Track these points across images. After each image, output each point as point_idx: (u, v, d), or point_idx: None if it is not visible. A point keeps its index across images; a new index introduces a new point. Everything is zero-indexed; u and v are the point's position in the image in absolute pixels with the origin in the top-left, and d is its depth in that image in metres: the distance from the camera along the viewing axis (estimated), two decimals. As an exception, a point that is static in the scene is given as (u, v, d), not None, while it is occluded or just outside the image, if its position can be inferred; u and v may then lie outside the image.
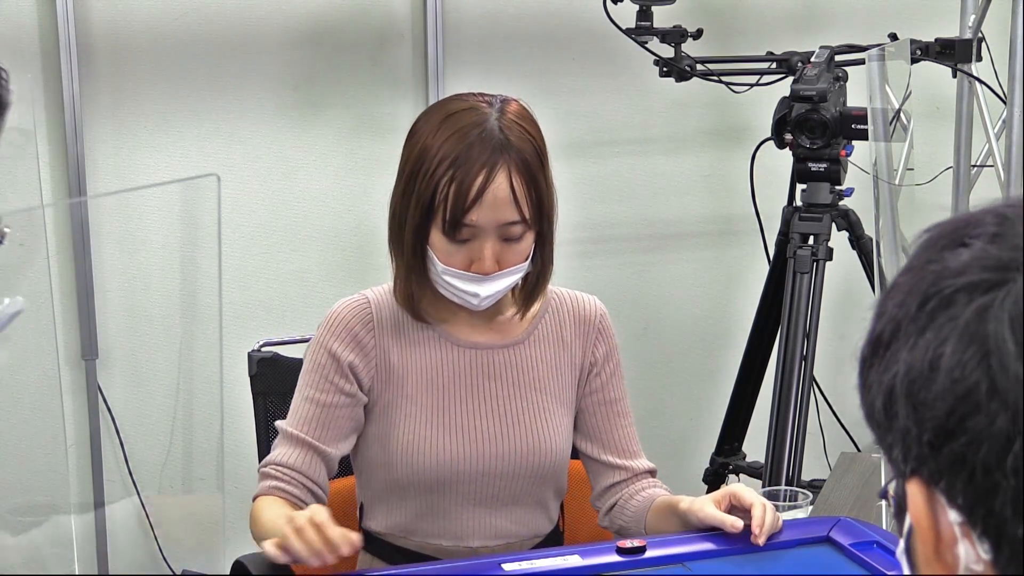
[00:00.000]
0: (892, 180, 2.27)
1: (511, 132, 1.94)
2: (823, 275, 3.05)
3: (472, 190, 1.90)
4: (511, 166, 1.92)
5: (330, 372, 2.02)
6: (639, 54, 3.16)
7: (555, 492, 2.11)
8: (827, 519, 1.93)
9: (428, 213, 1.94)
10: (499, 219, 1.92)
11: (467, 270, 1.95)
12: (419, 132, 1.99)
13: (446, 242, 1.94)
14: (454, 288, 1.97)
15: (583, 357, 2.11)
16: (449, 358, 2.05)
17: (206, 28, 3.34)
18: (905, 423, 0.81)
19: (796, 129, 3.04)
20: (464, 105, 1.98)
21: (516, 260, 1.97)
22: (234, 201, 3.38)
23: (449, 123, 1.95)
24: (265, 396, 2.29)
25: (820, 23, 3.70)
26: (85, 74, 3.25)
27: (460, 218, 1.91)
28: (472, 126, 1.93)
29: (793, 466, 2.96)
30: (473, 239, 1.93)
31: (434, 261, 1.96)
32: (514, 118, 1.96)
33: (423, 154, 1.95)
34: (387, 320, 2.05)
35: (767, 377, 3.22)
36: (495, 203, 1.91)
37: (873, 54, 2.16)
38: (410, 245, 1.98)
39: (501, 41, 3.56)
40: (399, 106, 3.51)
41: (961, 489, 0.78)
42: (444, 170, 1.91)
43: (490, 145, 1.92)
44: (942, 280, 0.81)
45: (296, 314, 3.48)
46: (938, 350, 0.79)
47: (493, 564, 1.83)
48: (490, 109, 1.96)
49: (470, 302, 1.97)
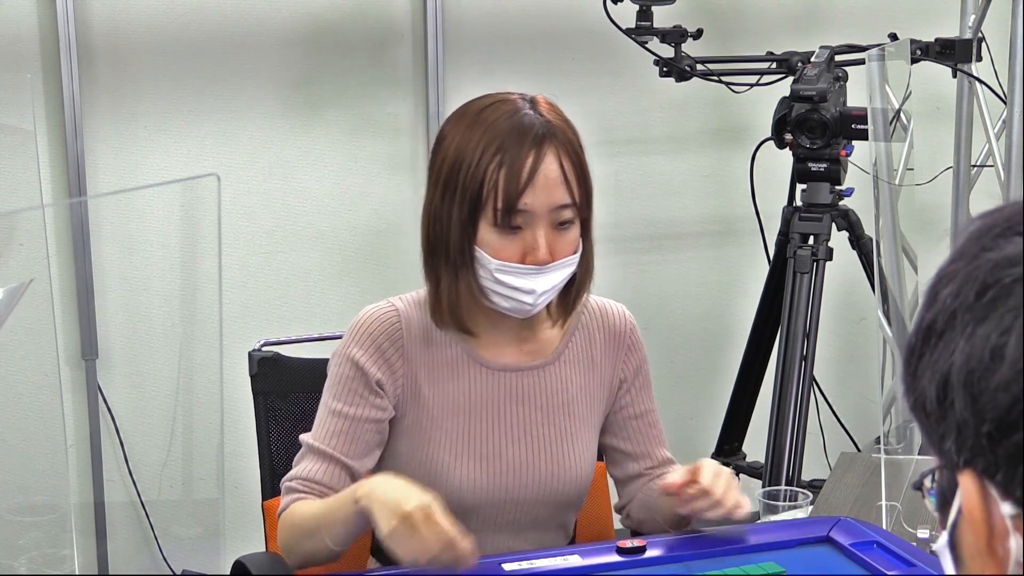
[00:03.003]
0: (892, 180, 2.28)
1: (550, 116, 1.91)
2: (823, 275, 3.05)
3: (524, 171, 1.85)
4: (558, 147, 1.88)
5: (357, 385, 1.96)
6: (639, 54, 3.16)
7: (575, 511, 2.10)
8: (827, 519, 1.93)
9: (476, 207, 1.88)
10: (552, 202, 1.87)
11: (521, 263, 1.88)
12: (451, 132, 1.93)
13: (497, 235, 1.88)
14: (506, 288, 1.89)
15: (612, 375, 2.07)
16: (478, 382, 1.98)
17: (206, 28, 3.34)
18: (962, 414, 0.79)
19: (796, 129, 3.04)
20: (493, 100, 1.94)
21: (568, 250, 1.91)
22: (234, 201, 3.38)
23: (483, 116, 1.90)
24: (266, 396, 2.29)
25: (820, 23, 3.70)
26: (85, 74, 3.25)
27: (514, 202, 1.85)
28: (510, 114, 1.90)
29: (793, 466, 2.96)
30: (525, 227, 1.87)
31: (485, 261, 1.89)
32: (548, 106, 1.94)
33: (461, 149, 1.89)
34: (416, 335, 1.98)
35: (767, 377, 3.22)
36: (547, 184, 1.86)
37: (873, 54, 2.16)
38: (457, 247, 1.91)
39: (501, 41, 3.56)
40: (399, 106, 3.52)
41: (1020, 482, 0.77)
42: (491, 157, 1.86)
43: (534, 129, 1.88)
44: (1001, 269, 0.79)
45: (296, 314, 3.48)
46: (1000, 340, 0.77)
47: (493, 564, 1.83)
48: (521, 101, 1.93)
49: (524, 302, 1.90)
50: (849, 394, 3.75)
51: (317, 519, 1.87)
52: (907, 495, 2.04)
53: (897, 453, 2.19)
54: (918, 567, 1.74)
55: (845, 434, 3.55)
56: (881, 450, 2.05)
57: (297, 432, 2.30)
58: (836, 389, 3.61)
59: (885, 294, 2.18)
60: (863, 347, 3.85)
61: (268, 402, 2.28)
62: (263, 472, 2.26)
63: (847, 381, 3.80)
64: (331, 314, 3.52)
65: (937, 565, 1.71)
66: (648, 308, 3.71)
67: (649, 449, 2.09)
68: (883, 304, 2.20)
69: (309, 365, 2.31)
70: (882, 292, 2.18)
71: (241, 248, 3.41)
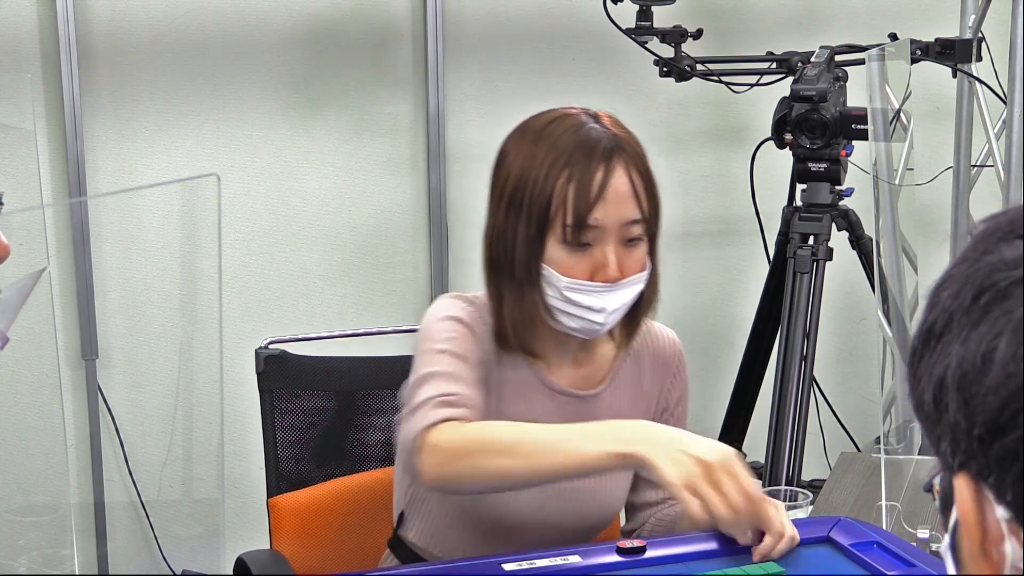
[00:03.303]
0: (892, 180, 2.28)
1: (616, 130, 1.88)
2: (823, 275, 3.05)
3: (594, 186, 1.82)
4: (627, 161, 1.85)
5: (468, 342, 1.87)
6: (639, 54, 3.16)
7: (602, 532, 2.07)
8: (827, 519, 1.93)
9: (544, 223, 1.83)
10: (622, 217, 1.83)
11: (590, 281, 1.84)
12: (514, 149, 1.89)
13: (566, 252, 1.83)
14: (576, 308, 1.85)
15: (657, 402, 2.05)
16: (538, 404, 1.94)
17: (206, 28, 3.34)
18: (955, 417, 0.79)
19: (796, 129, 3.04)
20: (555, 115, 1.90)
21: (636, 267, 1.86)
22: (234, 201, 3.38)
23: (548, 132, 1.86)
24: (271, 393, 2.30)
25: (820, 23, 3.70)
26: (85, 74, 3.25)
27: (584, 217, 1.81)
28: (575, 128, 1.86)
29: (793, 466, 2.96)
30: (595, 244, 1.83)
31: (553, 278, 1.84)
32: (611, 120, 1.90)
33: (527, 166, 1.85)
34: (488, 341, 1.93)
35: (767, 377, 3.22)
36: (617, 198, 1.83)
37: (873, 54, 2.16)
38: (523, 265, 1.85)
39: (501, 41, 3.56)
40: (399, 106, 3.52)
41: (1011, 485, 0.77)
42: (559, 171, 1.82)
43: (602, 144, 1.85)
44: (997, 272, 0.79)
45: (296, 314, 3.48)
46: (992, 343, 0.77)
47: (493, 564, 1.83)
48: (584, 115, 1.89)
49: (594, 322, 1.86)
50: (849, 394, 3.75)
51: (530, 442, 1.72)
52: (907, 495, 2.03)
53: (897, 453, 2.19)
54: (918, 567, 1.74)
55: (845, 434, 3.55)
56: (881, 450, 2.05)
57: (303, 430, 2.31)
58: (836, 389, 3.61)
59: (885, 294, 2.18)
60: (863, 347, 3.85)
61: (274, 399, 2.29)
62: (268, 469, 2.27)
63: (847, 381, 3.80)
64: (331, 314, 3.52)
65: (937, 565, 1.71)
66: (648, 308, 3.70)
67: None
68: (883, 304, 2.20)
69: (315, 363, 2.32)
70: (882, 292, 2.18)
71: (241, 248, 3.41)
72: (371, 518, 2.24)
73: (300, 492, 2.26)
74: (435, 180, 3.54)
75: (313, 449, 2.31)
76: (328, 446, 2.33)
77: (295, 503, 2.24)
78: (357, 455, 2.34)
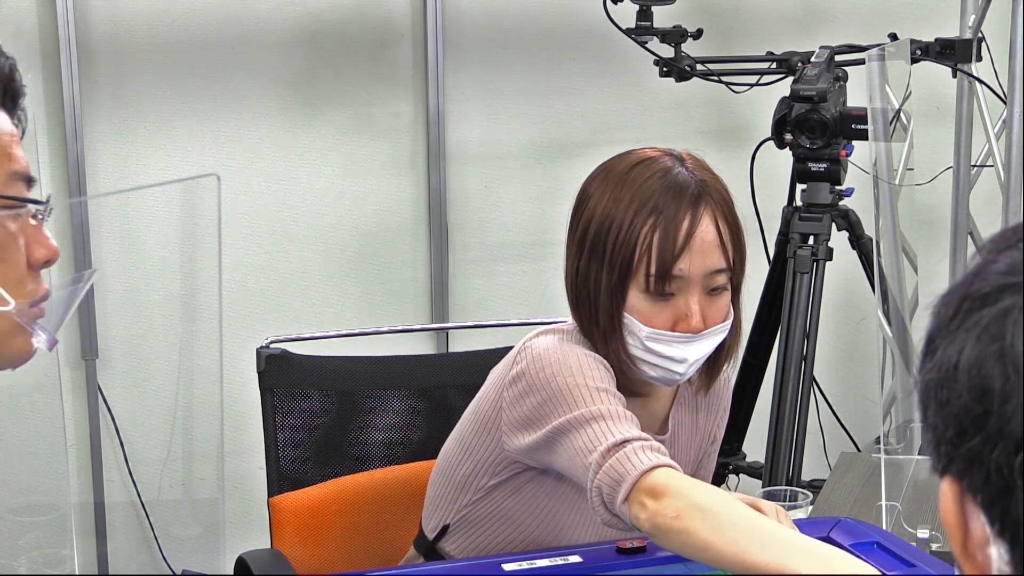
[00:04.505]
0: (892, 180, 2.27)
1: (703, 175, 1.84)
2: (823, 275, 3.05)
3: (680, 235, 1.77)
4: (714, 209, 1.81)
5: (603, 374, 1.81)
6: (639, 54, 3.16)
7: None
8: (827, 519, 1.93)
9: (627, 271, 1.79)
10: (707, 267, 1.79)
11: (672, 331, 1.80)
12: (597, 191, 1.83)
13: (648, 302, 1.80)
14: (657, 357, 1.81)
15: (709, 435, 2.03)
16: None
17: (206, 28, 3.34)
18: (934, 420, 0.81)
19: (796, 129, 3.04)
20: (640, 158, 1.84)
21: (719, 317, 1.83)
22: (234, 201, 3.38)
23: (634, 175, 1.81)
24: (272, 392, 2.29)
25: (820, 23, 3.70)
26: (85, 74, 3.25)
27: (669, 268, 1.78)
28: (661, 172, 1.81)
29: (793, 466, 2.96)
30: (678, 294, 1.79)
31: (635, 327, 1.81)
32: (698, 163, 1.86)
33: (610, 211, 1.80)
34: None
35: (767, 377, 3.22)
36: (703, 248, 1.79)
37: (873, 54, 2.16)
38: (606, 313, 1.81)
39: (501, 41, 3.56)
40: (399, 106, 3.52)
41: (980, 488, 0.78)
42: (644, 218, 1.78)
43: (689, 190, 1.80)
44: (980, 280, 0.81)
45: (296, 314, 3.48)
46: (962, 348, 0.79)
47: (494, 564, 1.83)
48: (669, 158, 1.84)
49: (674, 372, 1.82)
50: (849, 394, 3.75)
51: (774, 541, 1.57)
52: (907, 495, 2.03)
53: (897, 453, 2.19)
54: (918, 567, 1.74)
55: (845, 434, 3.55)
56: (881, 450, 2.04)
57: (304, 429, 2.30)
58: (836, 389, 3.61)
59: (885, 294, 2.18)
60: (863, 347, 3.85)
61: (275, 398, 2.29)
62: (269, 468, 2.27)
63: (847, 381, 3.80)
64: (331, 314, 3.52)
65: (937, 565, 1.72)
66: (648, 308, 3.70)
67: None
68: (883, 304, 2.20)
69: (316, 362, 2.32)
70: (882, 292, 2.18)
71: (241, 248, 3.41)
72: (372, 517, 2.24)
73: (301, 492, 2.26)
74: (435, 180, 3.54)
75: (314, 448, 2.31)
76: (329, 445, 2.32)
77: (296, 503, 2.24)
78: (358, 454, 2.34)
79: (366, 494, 2.28)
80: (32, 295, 1.27)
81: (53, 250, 1.29)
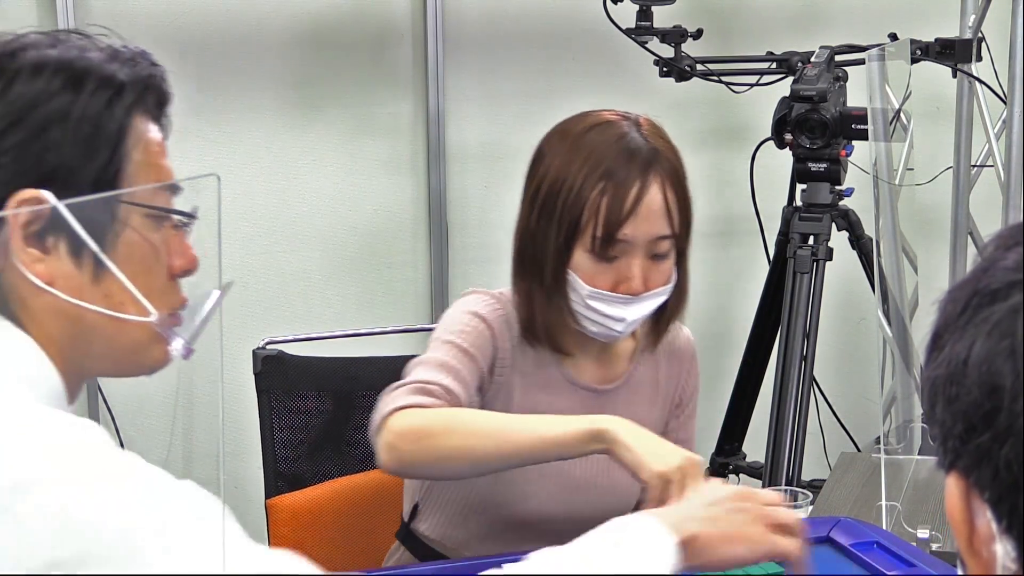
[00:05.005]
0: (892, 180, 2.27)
1: (656, 142, 1.87)
2: (823, 275, 3.05)
3: (627, 202, 1.81)
4: (663, 176, 1.84)
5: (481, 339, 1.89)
6: (639, 54, 3.16)
7: None
8: (827, 519, 1.93)
9: (574, 232, 1.84)
10: (652, 233, 1.84)
11: (613, 291, 1.85)
12: (551, 152, 1.89)
13: (593, 262, 1.85)
14: (597, 315, 1.87)
15: (673, 396, 2.07)
16: (563, 397, 1.96)
17: (206, 28, 3.34)
18: (942, 415, 0.82)
19: (796, 129, 3.04)
20: (597, 120, 1.89)
21: (661, 281, 1.88)
22: (234, 201, 3.38)
23: (588, 138, 1.86)
24: (269, 393, 2.30)
25: (820, 23, 3.70)
26: (85, 74, 3.25)
27: (614, 233, 1.82)
28: (615, 138, 1.85)
29: (793, 466, 2.96)
30: (622, 257, 1.84)
31: (577, 285, 1.86)
32: (653, 129, 1.90)
33: (563, 171, 1.84)
34: (517, 339, 1.94)
35: (767, 377, 3.22)
36: (649, 216, 1.83)
37: (873, 54, 2.15)
38: (551, 270, 1.87)
39: (501, 41, 3.56)
40: (399, 106, 3.52)
41: (988, 484, 0.79)
42: (595, 182, 1.82)
43: (640, 156, 1.84)
44: (989, 276, 0.81)
45: (296, 313, 3.48)
46: (972, 344, 0.80)
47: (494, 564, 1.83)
48: (625, 122, 1.88)
49: (613, 329, 1.87)
50: (849, 394, 3.75)
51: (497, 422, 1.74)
52: (907, 495, 2.03)
53: (897, 453, 2.19)
54: (918, 567, 1.74)
55: (845, 434, 3.55)
56: (881, 450, 2.04)
57: (301, 430, 2.30)
58: (836, 389, 3.61)
59: (885, 294, 2.18)
60: (863, 347, 3.85)
61: (272, 399, 2.29)
62: (267, 469, 2.27)
63: (847, 381, 3.80)
64: (331, 314, 3.52)
65: (937, 565, 1.71)
66: (648, 308, 3.70)
67: None
68: (883, 304, 2.20)
69: (313, 363, 2.32)
70: (882, 292, 2.18)
71: (241, 248, 3.41)
72: (370, 518, 2.24)
73: (298, 493, 2.26)
74: (435, 180, 3.53)
75: (311, 450, 2.31)
76: (326, 447, 2.32)
77: (293, 504, 2.24)
78: (355, 456, 2.34)
79: (363, 495, 2.28)
80: (172, 305, 1.29)
81: (193, 260, 1.33)
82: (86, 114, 1.23)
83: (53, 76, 1.25)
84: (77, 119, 1.22)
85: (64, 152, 1.21)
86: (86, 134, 1.22)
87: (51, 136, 1.20)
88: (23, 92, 1.23)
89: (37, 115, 1.21)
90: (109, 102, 1.26)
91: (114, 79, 1.29)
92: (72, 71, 1.26)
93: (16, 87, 1.23)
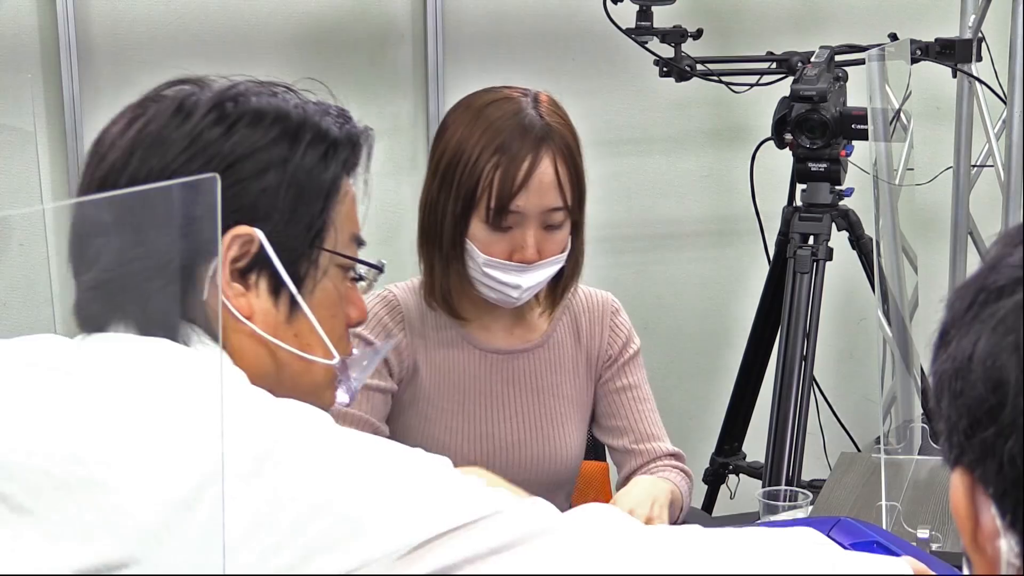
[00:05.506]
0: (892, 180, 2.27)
1: (551, 119, 1.96)
2: (823, 275, 3.05)
3: (519, 175, 1.92)
4: (555, 151, 1.94)
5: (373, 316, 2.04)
6: (639, 54, 3.16)
7: (566, 496, 2.11)
8: (827, 519, 1.93)
9: (470, 203, 1.95)
10: (544, 205, 1.94)
11: (508, 260, 1.96)
12: (453, 124, 1.99)
13: (488, 232, 1.95)
14: (493, 282, 1.97)
15: (598, 354, 2.14)
16: (471, 363, 2.06)
17: (206, 28, 3.34)
18: (948, 411, 0.82)
19: (796, 129, 3.04)
20: (497, 96, 1.99)
21: (555, 250, 1.98)
22: (234, 201, 3.38)
23: (487, 113, 1.96)
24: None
25: (820, 23, 3.70)
26: (85, 74, 3.25)
27: (506, 204, 1.93)
28: (512, 114, 1.95)
29: (793, 466, 2.96)
30: (516, 227, 1.95)
31: (474, 254, 1.97)
32: (550, 106, 1.99)
33: (462, 144, 1.95)
34: (414, 317, 2.07)
35: (767, 377, 3.22)
36: (540, 188, 1.93)
37: (873, 54, 2.16)
38: (449, 238, 1.99)
39: (501, 41, 3.56)
40: (399, 106, 3.52)
41: (992, 479, 0.79)
42: (488, 156, 1.92)
43: (533, 131, 1.94)
44: (995, 273, 0.82)
45: (296, 314, 3.48)
46: (977, 339, 0.80)
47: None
48: (524, 98, 1.98)
49: (510, 295, 1.98)
50: (849, 394, 3.75)
51: None
52: (907, 495, 2.03)
53: (897, 453, 2.19)
54: (918, 567, 1.74)
55: (845, 434, 3.54)
56: (881, 450, 2.04)
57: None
58: (836, 389, 3.61)
59: (885, 294, 2.18)
60: (863, 347, 3.85)
61: (269, 400, 2.30)
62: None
63: (847, 381, 3.80)
64: (331, 314, 3.52)
65: (937, 565, 1.71)
66: (648, 308, 3.70)
67: (636, 424, 2.13)
68: (883, 304, 2.20)
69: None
70: (882, 292, 2.18)
71: (241, 248, 3.41)
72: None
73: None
74: (435, 180, 3.53)
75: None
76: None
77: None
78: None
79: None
80: (345, 353, 1.34)
81: (364, 313, 1.38)
82: (302, 165, 1.31)
83: (272, 125, 1.36)
84: (294, 169, 1.30)
85: (279, 197, 1.28)
86: (300, 183, 1.29)
87: (268, 181, 1.28)
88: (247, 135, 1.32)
89: (258, 159, 1.29)
90: (324, 156, 1.35)
91: (328, 134, 1.40)
92: (289, 122, 1.38)
93: (239, 129, 1.34)
